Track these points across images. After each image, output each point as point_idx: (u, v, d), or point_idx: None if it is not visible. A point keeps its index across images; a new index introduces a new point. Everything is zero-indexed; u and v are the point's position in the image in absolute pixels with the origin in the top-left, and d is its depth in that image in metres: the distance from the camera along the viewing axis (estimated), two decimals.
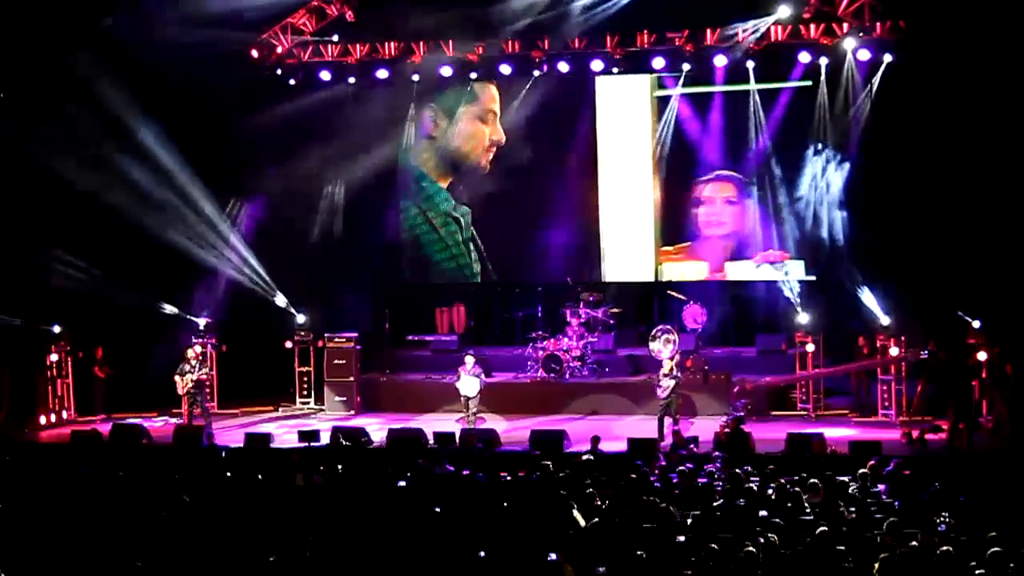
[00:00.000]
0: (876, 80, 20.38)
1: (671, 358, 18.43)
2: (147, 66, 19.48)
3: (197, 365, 18.82)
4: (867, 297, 20.11)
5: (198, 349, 19.54)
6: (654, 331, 20.18)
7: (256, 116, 21.41)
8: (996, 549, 9.26)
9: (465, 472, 13.88)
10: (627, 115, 22.68)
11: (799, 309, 20.79)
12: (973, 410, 17.39)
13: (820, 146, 21.24)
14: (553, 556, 9.37)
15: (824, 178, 21.31)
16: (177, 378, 18.77)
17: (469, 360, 18.99)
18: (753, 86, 21.31)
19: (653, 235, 22.72)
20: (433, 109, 23.33)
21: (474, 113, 23.26)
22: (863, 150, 20.79)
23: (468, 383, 18.83)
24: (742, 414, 16.91)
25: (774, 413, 19.63)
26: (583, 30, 20.96)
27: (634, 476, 12.87)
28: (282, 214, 22.67)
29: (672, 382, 17.89)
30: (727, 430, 16.34)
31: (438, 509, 11.60)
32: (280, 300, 22.07)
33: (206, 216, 21.40)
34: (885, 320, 19.78)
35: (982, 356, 17.96)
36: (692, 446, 15.94)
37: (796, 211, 21.62)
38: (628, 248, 22.85)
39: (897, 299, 19.84)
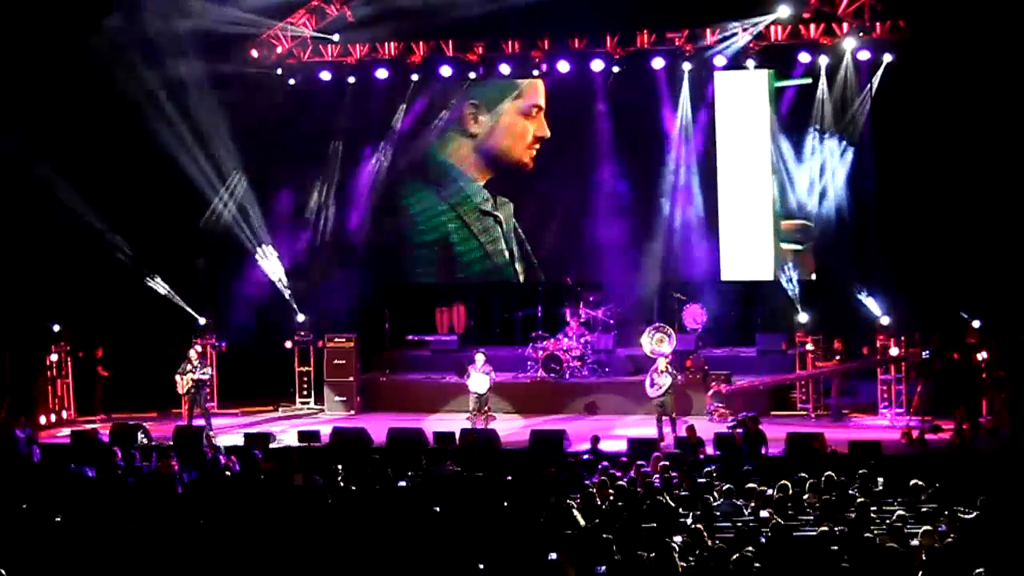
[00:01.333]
0: (876, 80, 20.39)
1: (666, 356, 18.40)
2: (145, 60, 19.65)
3: (198, 365, 18.84)
4: (867, 297, 20.10)
5: (199, 348, 19.57)
6: (648, 329, 20.12)
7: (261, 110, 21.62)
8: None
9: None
10: (745, 109, 21.87)
11: (799, 309, 20.78)
12: (978, 410, 17.39)
13: (819, 147, 21.25)
14: (553, 556, 9.37)
15: (824, 178, 21.33)
16: (178, 377, 18.80)
17: (480, 358, 18.91)
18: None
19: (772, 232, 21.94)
20: (475, 105, 23.12)
21: (518, 108, 23.05)
22: (864, 150, 20.81)
23: (479, 381, 18.82)
24: (753, 413, 16.88)
25: (774, 413, 19.63)
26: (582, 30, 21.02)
27: (634, 476, 12.90)
28: (284, 211, 22.75)
29: (668, 379, 17.86)
30: (739, 431, 16.27)
31: (438, 509, 11.62)
32: (281, 279, 22.06)
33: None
34: (885, 320, 19.77)
35: (981, 356, 17.95)
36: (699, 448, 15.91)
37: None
38: (750, 246, 22.10)
39: (897, 299, 19.83)
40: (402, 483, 13.37)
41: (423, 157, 23.48)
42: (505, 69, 21.78)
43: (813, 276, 21.60)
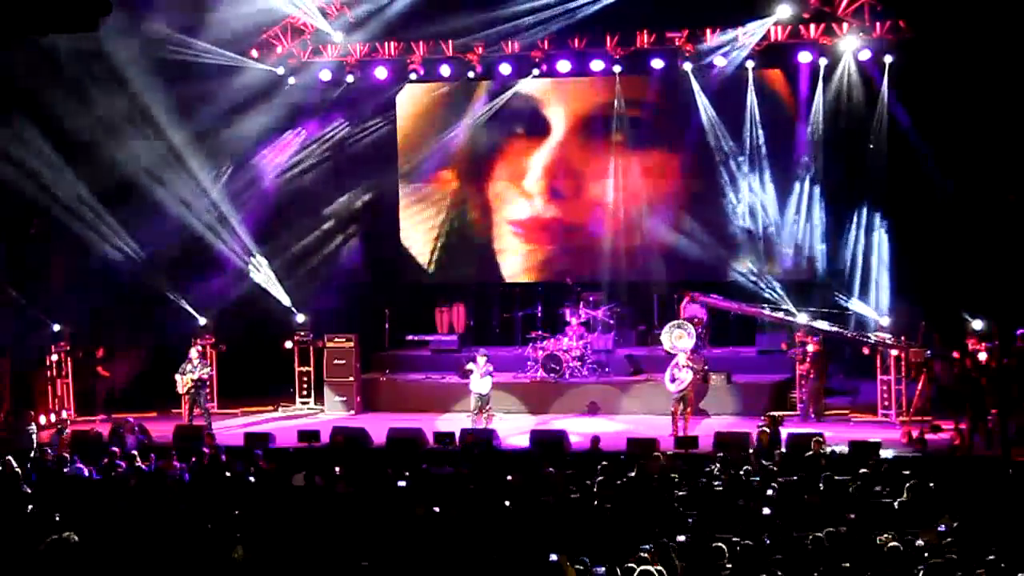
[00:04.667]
0: (877, 80, 20.40)
1: (685, 351, 18.34)
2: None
3: (199, 364, 18.84)
4: (865, 297, 20.09)
5: (199, 348, 19.57)
6: (668, 325, 19.80)
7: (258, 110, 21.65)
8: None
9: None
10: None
11: (795, 311, 20.69)
12: (983, 411, 17.36)
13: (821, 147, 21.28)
14: (553, 556, 9.37)
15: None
16: (178, 377, 18.80)
17: (481, 359, 18.97)
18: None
19: None
20: None
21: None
22: (866, 150, 20.82)
23: (480, 381, 18.83)
24: (776, 414, 16.77)
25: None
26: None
27: (632, 474, 12.88)
28: (286, 210, 22.76)
29: (689, 375, 17.82)
30: (767, 431, 16.19)
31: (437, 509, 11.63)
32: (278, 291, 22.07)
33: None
34: (885, 320, 19.74)
35: (982, 356, 17.91)
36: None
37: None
38: None
39: (898, 299, 19.81)
40: (401, 483, 13.37)
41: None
42: (505, 69, 21.76)
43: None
